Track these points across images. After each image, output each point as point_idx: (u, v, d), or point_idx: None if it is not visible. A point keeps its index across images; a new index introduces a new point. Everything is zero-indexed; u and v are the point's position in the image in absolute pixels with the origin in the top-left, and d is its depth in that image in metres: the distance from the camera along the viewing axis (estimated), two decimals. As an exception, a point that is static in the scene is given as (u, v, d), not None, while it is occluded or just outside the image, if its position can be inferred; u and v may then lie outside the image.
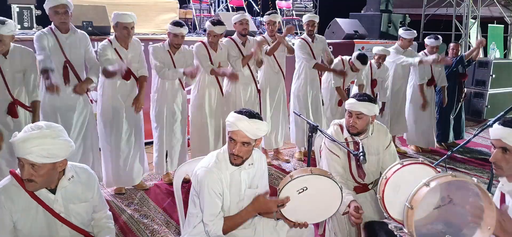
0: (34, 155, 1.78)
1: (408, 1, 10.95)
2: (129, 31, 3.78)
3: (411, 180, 1.97)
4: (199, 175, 2.28)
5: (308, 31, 5.03)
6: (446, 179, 1.89)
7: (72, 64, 3.62)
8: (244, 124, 2.18)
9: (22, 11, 5.28)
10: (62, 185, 1.97)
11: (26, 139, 1.78)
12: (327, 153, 2.83)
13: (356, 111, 2.72)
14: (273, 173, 4.83)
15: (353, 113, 2.74)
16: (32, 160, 1.79)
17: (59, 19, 3.51)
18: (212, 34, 4.24)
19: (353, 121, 2.74)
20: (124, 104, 3.94)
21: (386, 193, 2.24)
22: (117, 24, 3.78)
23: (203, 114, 4.46)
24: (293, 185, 2.26)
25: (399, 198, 2.11)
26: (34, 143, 1.78)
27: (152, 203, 3.99)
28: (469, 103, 7.82)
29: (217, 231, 2.24)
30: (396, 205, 2.19)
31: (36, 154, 1.78)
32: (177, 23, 4.01)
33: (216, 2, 9.12)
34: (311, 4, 9.90)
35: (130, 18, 3.76)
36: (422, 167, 2.31)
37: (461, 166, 5.29)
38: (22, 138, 1.79)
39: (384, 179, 2.27)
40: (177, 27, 3.96)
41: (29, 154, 1.78)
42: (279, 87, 5.00)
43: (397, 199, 2.16)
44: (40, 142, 1.79)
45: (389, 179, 2.25)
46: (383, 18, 7.97)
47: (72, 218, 2.01)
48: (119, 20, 3.76)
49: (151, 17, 6.49)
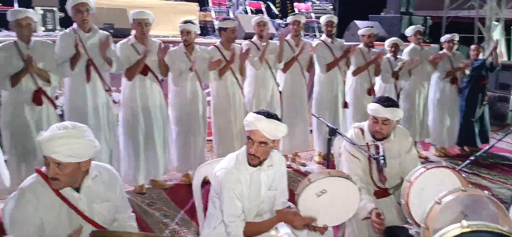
0: (60, 154, 1.82)
1: (429, 3, 10.78)
2: (143, 27, 3.88)
3: (435, 185, 1.95)
4: (219, 176, 2.29)
5: (327, 32, 5.01)
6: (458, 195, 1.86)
7: (95, 63, 3.68)
8: (262, 123, 2.19)
9: (46, 13, 5.40)
10: (86, 184, 2.00)
11: (52, 138, 1.82)
12: (348, 156, 2.80)
13: (382, 118, 2.69)
14: (292, 176, 4.82)
15: (380, 120, 2.70)
16: (57, 159, 1.83)
17: (80, 17, 3.59)
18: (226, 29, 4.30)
19: (379, 127, 2.71)
20: (144, 104, 3.99)
21: (410, 198, 2.20)
22: (133, 21, 3.92)
23: (227, 117, 4.47)
24: (311, 189, 2.25)
25: (424, 203, 2.08)
26: (59, 143, 1.82)
27: (172, 203, 4.03)
28: (492, 107, 7.66)
29: (239, 233, 2.24)
30: (421, 210, 2.15)
31: (62, 153, 1.82)
32: (184, 21, 4.14)
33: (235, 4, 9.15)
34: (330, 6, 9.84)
35: (144, 15, 3.89)
36: (445, 171, 2.28)
37: (485, 172, 5.18)
38: (48, 137, 1.83)
39: (408, 183, 2.24)
40: (182, 24, 4.11)
41: (54, 153, 1.82)
42: (301, 90, 4.96)
43: (422, 204, 2.13)
44: (66, 141, 1.83)
45: (413, 183, 2.22)
46: (404, 20, 7.86)
47: (95, 217, 2.03)
48: (134, 17, 3.91)
49: (171, 20, 6.55)
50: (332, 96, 5.06)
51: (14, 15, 3.36)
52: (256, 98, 4.65)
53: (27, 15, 3.36)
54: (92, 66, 3.67)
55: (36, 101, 3.46)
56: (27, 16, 3.37)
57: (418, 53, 5.41)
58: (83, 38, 3.63)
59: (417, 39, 5.42)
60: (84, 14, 3.58)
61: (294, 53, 4.75)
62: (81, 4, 3.56)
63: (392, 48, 5.26)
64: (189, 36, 4.10)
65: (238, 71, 4.45)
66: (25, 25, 3.37)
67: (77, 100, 3.71)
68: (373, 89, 5.19)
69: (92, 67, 3.67)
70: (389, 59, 5.26)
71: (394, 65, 5.23)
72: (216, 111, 4.51)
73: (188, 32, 4.09)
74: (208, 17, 8.14)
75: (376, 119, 2.72)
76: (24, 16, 3.35)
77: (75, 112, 3.71)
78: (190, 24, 4.10)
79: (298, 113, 5.00)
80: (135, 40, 3.94)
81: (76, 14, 3.59)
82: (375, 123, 2.73)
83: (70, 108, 3.75)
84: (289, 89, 4.90)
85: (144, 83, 3.97)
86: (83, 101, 3.70)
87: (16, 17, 3.35)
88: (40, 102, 3.47)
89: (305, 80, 4.98)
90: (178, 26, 4.18)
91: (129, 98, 3.99)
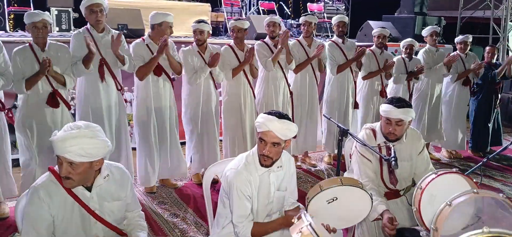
0: (72, 154, 1.84)
1: (443, 3, 10.65)
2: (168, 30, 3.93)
3: (447, 190, 1.92)
4: (229, 176, 2.30)
5: (339, 32, 4.99)
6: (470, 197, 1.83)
7: (108, 63, 3.71)
8: (274, 124, 2.19)
9: (61, 13, 5.50)
10: (97, 183, 2.02)
11: (65, 138, 1.84)
12: (359, 158, 2.78)
13: (396, 119, 2.66)
14: (302, 177, 4.81)
15: (393, 121, 2.68)
16: (70, 159, 1.85)
17: (94, 17, 3.62)
18: (236, 29, 4.32)
19: (393, 129, 2.69)
20: (157, 104, 4.02)
21: (422, 205, 2.18)
22: (161, 23, 3.92)
23: (238, 118, 4.48)
24: (322, 196, 2.23)
25: (435, 210, 2.06)
26: (72, 143, 1.84)
27: (182, 202, 4.05)
28: (506, 109, 7.54)
29: (246, 234, 2.25)
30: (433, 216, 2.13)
31: (74, 153, 1.84)
32: (198, 20, 4.16)
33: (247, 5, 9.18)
34: (342, 6, 9.81)
35: (171, 19, 3.96)
36: (456, 176, 2.25)
37: (498, 174, 5.11)
38: (61, 137, 1.85)
39: (419, 189, 2.22)
40: (195, 24, 4.14)
41: (67, 152, 1.84)
42: (312, 91, 4.95)
43: (434, 210, 2.10)
44: (78, 141, 1.85)
45: (424, 189, 2.19)
46: (417, 20, 7.78)
47: (106, 216, 2.06)
48: (165, 20, 3.93)
49: (183, 21, 6.60)
50: (342, 97, 5.04)
51: (30, 18, 3.35)
52: (267, 98, 4.65)
53: (43, 18, 3.36)
54: (105, 65, 3.71)
55: (52, 104, 3.48)
56: (43, 19, 3.36)
57: (433, 54, 5.36)
58: (96, 38, 3.67)
59: (433, 40, 5.36)
60: (99, 15, 3.62)
61: (307, 53, 4.75)
62: (95, 4, 3.59)
63: (406, 49, 5.21)
64: (202, 36, 4.13)
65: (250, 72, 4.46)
66: (41, 27, 3.38)
67: (91, 100, 3.75)
68: (384, 90, 5.16)
69: (105, 66, 3.71)
70: (403, 59, 5.21)
71: (409, 66, 5.18)
72: (226, 111, 4.52)
73: (201, 32, 4.12)
74: (220, 17, 8.18)
75: (389, 120, 2.69)
76: (40, 18, 3.35)
77: (89, 111, 3.75)
78: (203, 24, 4.13)
79: (309, 114, 4.99)
80: (150, 40, 3.96)
81: (90, 14, 3.63)
82: (388, 124, 2.71)
83: (84, 107, 3.79)
84: (300, 89, 4.89)
85: (157, 83, 4.00)
86: (97, 100, 3.74)
87: (32, 19, 3.34)
88: (55, 105, 3.50)
89: (316, 80, 4.96)
90: (191, 25, 4.21)
91: (143, 98, 4.02)
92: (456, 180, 2.25)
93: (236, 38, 4.35)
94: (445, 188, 2.24)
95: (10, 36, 4.96)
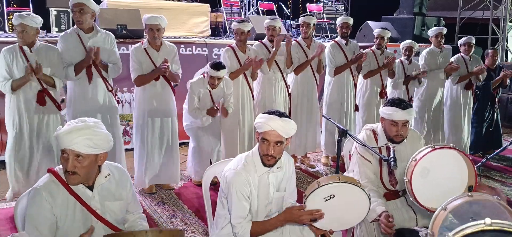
0: (80, 145, 1.86)
1: (442, 4, 10.67)
2: (155, 32, 3.84)
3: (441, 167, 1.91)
4: (228, 177, 2.30)
5: (342, 34, 4.99)
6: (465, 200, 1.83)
7: (97, 64, 3.66)
8: (276, 123, 2.20)
9: (60, 14, 5.50)
10: (99, 182, 2.03)
11: (71, 130, 1.86)
12: (359, 159, 2.78)
13: (403, 120, 2.65)
14: (301, 177, 4.81)
15: (400, 123, 2.65)
16: (77, 150, 1.86)
17: (75, 18, 3.62)
18: (239, 32, 4.32)
19: (400, 130, 2.67)
20: (155, 107, 4.01)
21: (414, 176, 2.18)
22: (145, 26, 3.89)
23: (236, 118, 4.48)
24: (320, 193, 2.23)
25: (428, 184, 2.05)
26: (79, 134, 1.86)
27: (182, 203, 4.05)
28: (505, 109, 7.55)
29: (245, 234, 2.25)
30: (424, 191, 2.13)
31: (82, 144, 1.86)
32: (215, 65, 3.97)
33: (247, 5, 9.18)
34: (342, 7, 9.80)
35: (155, 20, 3.82)
36: (453, 152, 2.24)
37: (497, 175, 5.11)
38: (67, 130, 1.87)
39: (413, 161, 2.22)
40: (213, 70, 3.96)
41: (75, 144, 1.85)
42: (311, 92, 4.95)
43: (426, 184, 2.10)
44: (85, 132, 1.87)
45: (419, 161, 2.19)
46: (417, 21, 7.79)
47: (107, 216, 2.06)
48: (146, 22, 3.87)
49: (183, 21, 6.59)
50: (342, 99, 5.04)
51: (14, 19, 3.42)
52: (265, 100, 4.65)
53: (22, 22, 3.37)
54: (94, 66, 3.66)
55: (40, 102, 3.51)
56: (21, 23, 3.37)
57: (437, 55, 5.36)
58: (84, 39, 3.64)
59: (438, 42, 5.34)
60: (77, 15, 3.58)
61: (306, 54, 4.75)
62: (76, 4, 3.57)
63: (406, 51, 5.20)
64: (219, 82, 4.07)
65: (250, 74, 4.46)
66: (21, 31, 3.39)
67: (80, 101, 3.73)
68: (384, 91, 5.16)
69: (94, 67, 3.66)
70: (402, 62, 5.21)
71: (407, 69, 5.17)
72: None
73: (219, 79, 4.05)
74: (219, 18, 8.18)
75: (395, 123, 2.66)
76: (18, 22, 3.38)
77: (78, 114, 3.67)
78: (223, 71, 4.03)
79: (309, 114, 4.99)
80: (148, 44, 3.93)
81: (74, 14, 3.62)
82: (393, 126, 2.67)
83: (74, 109, 3.76)
84: (300, 90, 4.89)
85: (155, 86, 3.98)
86: (86, 102, 3.72)
87: (13, 21, 3.41)
88: (43, 103, 3.52)
89: (316, 81, 4.97)
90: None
91: (140, 100, 4.02)
92: (453, 156, 2.25)
93: (239, 40, 4.35)
94: (440, 163, 2.23)
95: (9, 37, 4.96)
